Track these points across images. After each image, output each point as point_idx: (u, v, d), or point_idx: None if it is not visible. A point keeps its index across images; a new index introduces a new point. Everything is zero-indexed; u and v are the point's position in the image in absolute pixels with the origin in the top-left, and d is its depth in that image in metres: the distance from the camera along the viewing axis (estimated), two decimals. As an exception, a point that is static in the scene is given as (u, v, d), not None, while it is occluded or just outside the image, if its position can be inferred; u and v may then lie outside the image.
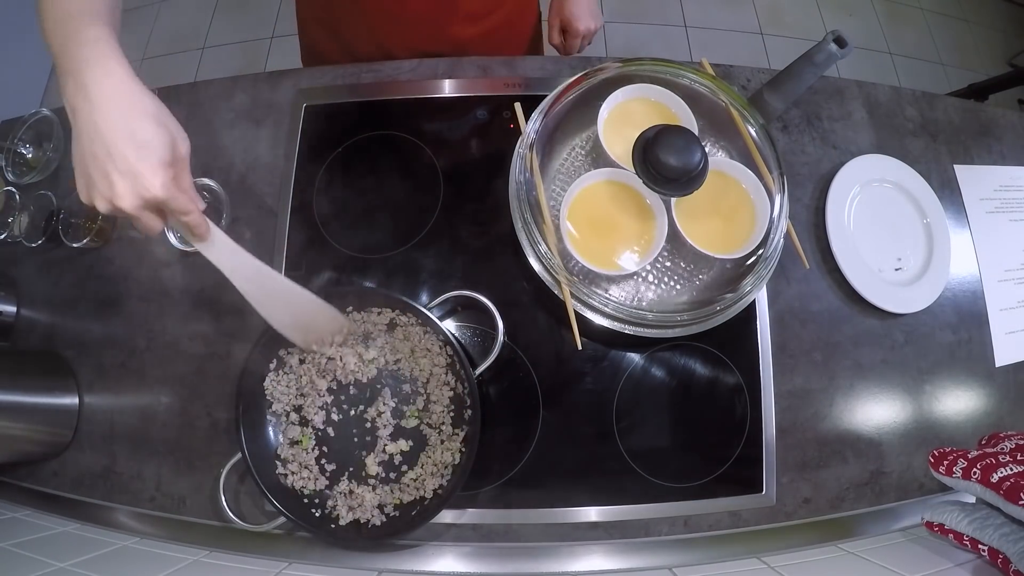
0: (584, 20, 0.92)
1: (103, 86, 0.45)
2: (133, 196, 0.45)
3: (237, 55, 2.01)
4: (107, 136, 0.44)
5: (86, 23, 0.47)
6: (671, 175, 0.57)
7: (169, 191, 0.46)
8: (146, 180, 0.45)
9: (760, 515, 0.65)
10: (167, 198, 0.46)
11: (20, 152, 0.80)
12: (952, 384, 0.73)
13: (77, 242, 0.72)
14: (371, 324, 0.65)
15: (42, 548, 0.57)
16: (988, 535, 0.47)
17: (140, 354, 0.71)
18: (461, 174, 0.74)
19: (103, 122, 0.45)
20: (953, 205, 0.79)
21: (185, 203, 0.48)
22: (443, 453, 0.61)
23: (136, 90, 0.47)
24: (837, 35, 0.61)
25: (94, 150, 0.45)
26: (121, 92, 0.46)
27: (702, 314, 0.60)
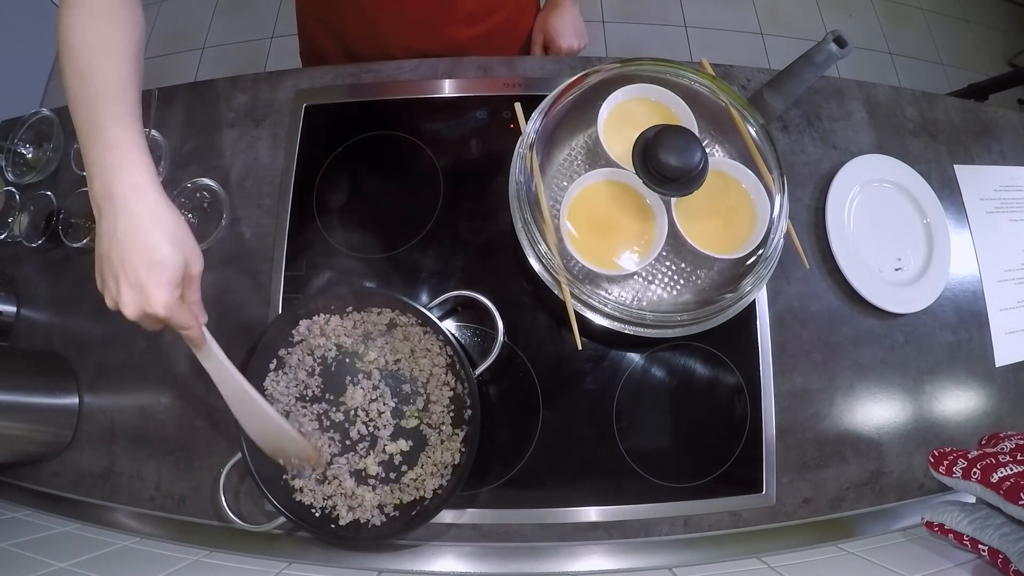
0: (567, 38, 0.91)
1: (129, 200, 0.47)
2: (136, 308, 0.48)
3: (237, 55, 2.01)
4: (124, 247, 0.47)
5: (112, 115, 0.49)
6: (671, 175, 0.57)
7: (170, 311, 0.48)
8: (151, 297, 0.47)
9: (760, 515, 0.65)
10: (167, 316, 0.48)
11: (20, 152, 0.80)
12: (952, 384, 0.73)
13: (77, 242, 0.72)
14: (371, 324, 0.65)
15: (42, 548, 0.57)
16: (988, 535, 0.47)
17: (140, 354, 0.71)
18: (461, 174, 0.74)
19: (123, 233, 0.47)
20: (953, 205, 0.79)
21: (185, 320, 0.50)
22: (443, 453, 0.61)
23: (159, 209, 0.49)
24: (837, 35, 0.61)
25: (111, 255, 0.47)
26: (145, 210, 0.48)
27: (702, 314, 0.60)
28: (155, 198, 0.49)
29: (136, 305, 0.47)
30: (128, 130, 0.49)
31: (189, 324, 0.51)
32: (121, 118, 0.49)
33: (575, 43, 0.92)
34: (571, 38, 0.91)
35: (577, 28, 0.92)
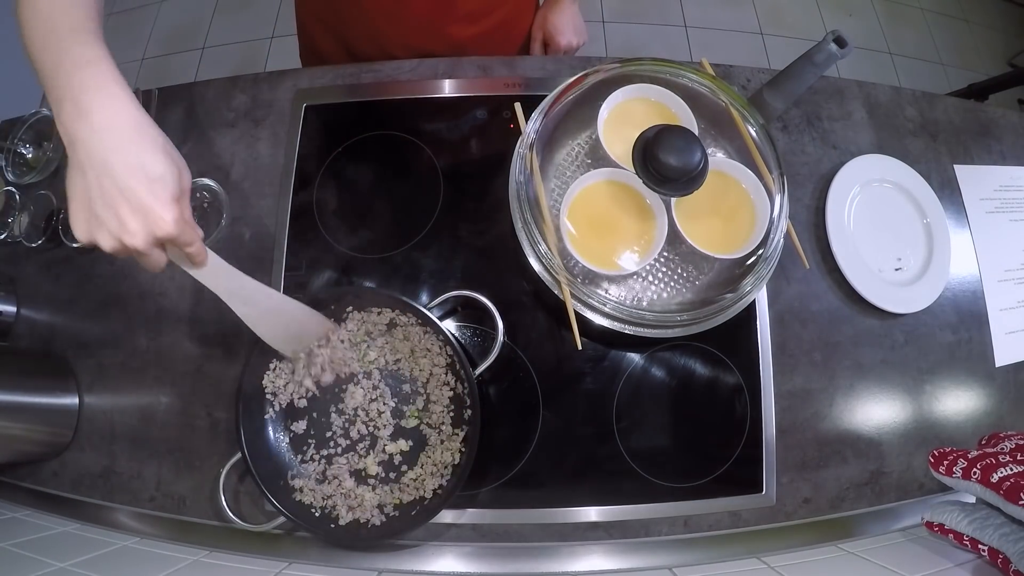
0: (566, 35, 0.91)
1: (108, 114, 0.43)
2: (144, 234, 0.43)
3: (237, 55, 2.01)
4: (117, 170, 0.42)
5: (79, 40, 0.45)
6: (671, 175, 0.57)
7: (180, 227, 0.45)
8: (159, 217, 0.43)
9: (760, 515, 0.65)
10: (179, 233, 0.45)
11: (20, 152, 0.80)
12: (952, 384, 0.73)
13: (77, 242, 0.72)
14: (371, 324, 0.65)
15: (42, 548, 0.57)
16: (988, 535, 0.47)
17: (140, 354, 0.71)
18: (461, 174, 0.74)
19: (112, 155, 0.42)
20: (953, 205, 0.79)
21: (191, 235, 0.47)
22: (443, 453, 0.61)
23: (143, 120, 0.44)
24: (837, 35, 0.61)
25: (102, 183, 0.42)
26: (129, 122, 0.43)
27: (702, 314, 0.60)
28: (136, 109, 0.44)
29: (144, 231, 0.43)
30: (93, 48, 0.45)
31: (193, 239, 0.47)
32: (88, 41, 0.45)
33: (574, 40, 0.92)
34: (570, 35, 0.91)
35: (576, 25, 0.92)
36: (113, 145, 0.42)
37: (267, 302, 0.58)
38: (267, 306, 0.58)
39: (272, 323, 0.58)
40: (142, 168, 0.43)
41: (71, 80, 0.43)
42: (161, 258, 0.47)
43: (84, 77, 0.43)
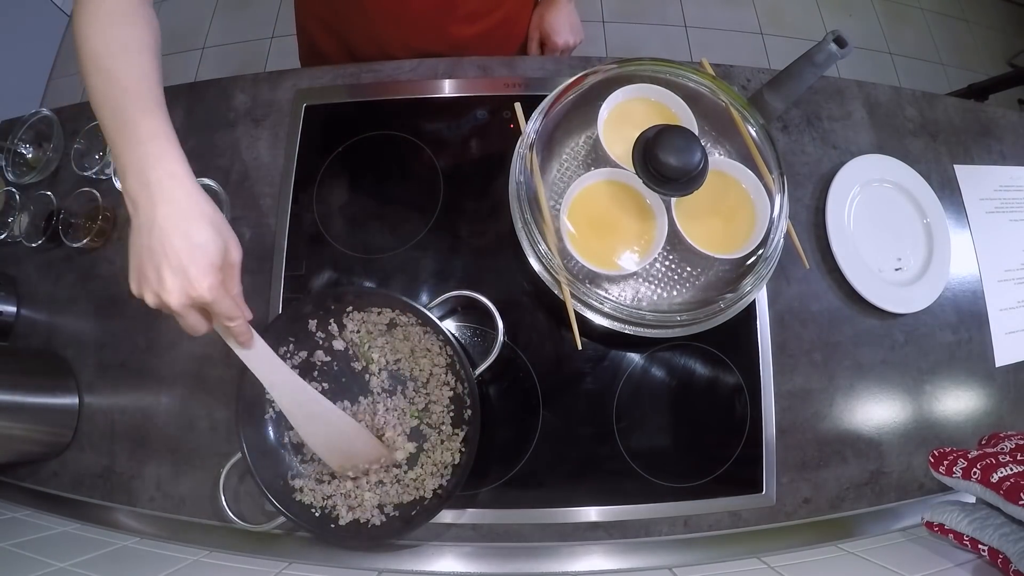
0: (563, 34, 0.91)
1: (165, 187, 0.47)
2: (180, 293, 0.46)
3: (237, 55, 2.01)
4: (164, 233, 0.46)
5: (140, 109, 0.49)
6: (671, 175, 0.57)
7: (215, 294, 0.47)
8: (194, 280, 0.46)
9: (760, 515, 0.65)
10: (212, 300, 0.47)
11: (20, 152, 0.80)
12: (952, 384, 0.73)
13: (77, 242, 0.72)
14: (371, 324, 0.65)
15: (42, 548, 0.57)
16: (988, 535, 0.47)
17: (140, 354, 0.71)
18: (461, 174, 0.74)
19: (163, 220, 0.46)
20: (953, 205, 0.79)
21: (230, 308, 0.49)
22: (443, 453, 0.61)
23: (196, 194, 0.49)
24: (837, 35, 0.61)
25: (151, 244, 0.46)
26: (183, 195, 0.48)
27: (702, 314, 0.60)
28: (191, 185, 0.49)
29: (181, 291, 0.46)
30: (159, 122, 0.49)
31: (234, 314, 0.50)
32: (150, 111, 0.49)
33: (571, 39, 0.92)
34: (567, 34, 0.91)
35: (572, 24, 0.92)
36: (167, 213, 0.47)
37: (314, 406, 0.57)
38: (314, 410, 0.57)
39: (319, 429, 0.58)
40: (188, 236, 0.47)
41: (136, 151, 0.48)
42: (199, 323, 0.49)
43: (147, 151, 0.48)
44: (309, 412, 0.58)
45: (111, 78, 0.50)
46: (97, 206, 0.73)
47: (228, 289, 0.50)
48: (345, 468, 0.60)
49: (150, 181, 0.47)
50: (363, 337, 0.65)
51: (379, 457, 0.61)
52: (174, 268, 0.46)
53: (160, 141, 0.49)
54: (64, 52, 2.08)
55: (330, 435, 0.59)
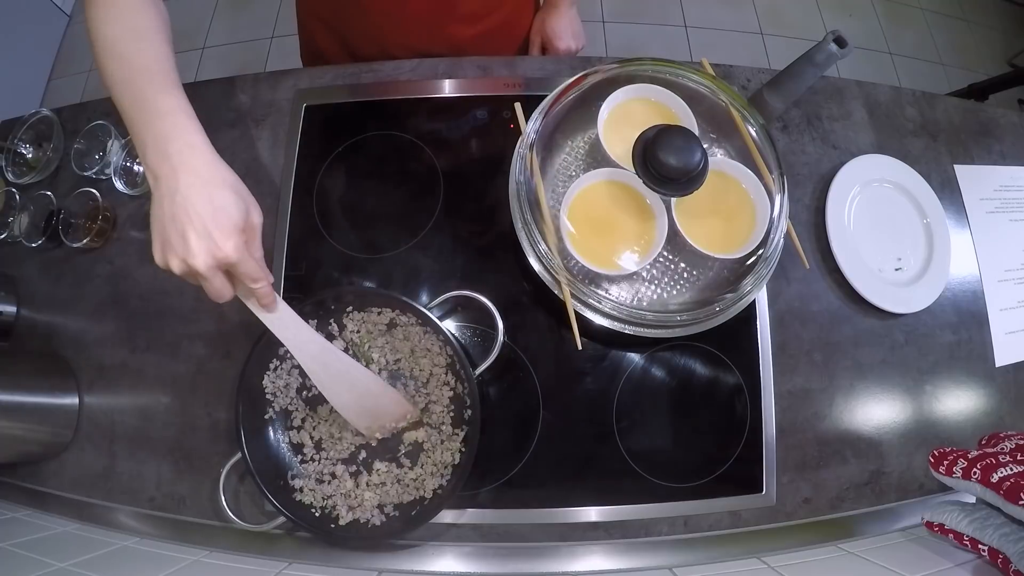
0: (565, 39, 0.91)
1: (185, 157, 0.48)
2: (206, 255, 0.47)
3: (237, 55, 2.01)
4: (187, 200, 0.47)
5: (158, 89, 0.50)
6: (671, 175, 0.57)
7: (240, 254, 0.48)
8: (220, 240, 0.47)
9: (760, 515, 0.65)
10: (238, 260, 0.48)
11: (20, 152, 0.80)
12: (952, 384, 0.73)
13: (77, 242, 0.72)
14: (371, 324, 0.65)
15: (42, 548, 0.57)
16: (988, 535, 0.47)
17: (140, 354, 0.71)
18: (461, 174, 0.74)
19: (185, 188, 0.47)
20: (953, 205, 0.79)
21: (255, 269, 0.50)
22: (443, 453, 0.61)
23: (216, 162, 0.50)
24: (837, 35, 0.61)
25: (174, 211, 0.47)
26: (203, 163, 0.49)
27: (702, 314, 0.60)
28: (211, 154, 0.50)
29: (207, 253, 0.47)
30: (175, 98, 0.51)
31: (258, 275, 0.51)
32: (167, 89, 0.51)
33: (572, 44, 0.92)
34: (568, 40, 0.91)
35: (575, 30, 0.92)
36: (188, 182, 0.48)
37: (339, 365, 0.58)
38: (338, 369, 0.58)
39: (344, 390, 0.58)
40: (210, 200, 0.48)
41: (153, 127, 0.49)
42: (225, 287, 0.50)
43: (166, 126, 0.49)
44: (335, 372, 0.58)
45: (127, 62, 0.51)
46: (97, 206, 0.73)
47: (251, 252, 0.51)
48: (372, 429, 0.60)
49: (170, 153, 0.48)
50: (363, 337, 0.65)
51: (405, 414, 0.61)
52: (199, 232, 0.47)
53: (178, 115, 0.50)
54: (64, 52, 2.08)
55: (355, 395, 0.59)
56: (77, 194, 0.74)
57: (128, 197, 0.75)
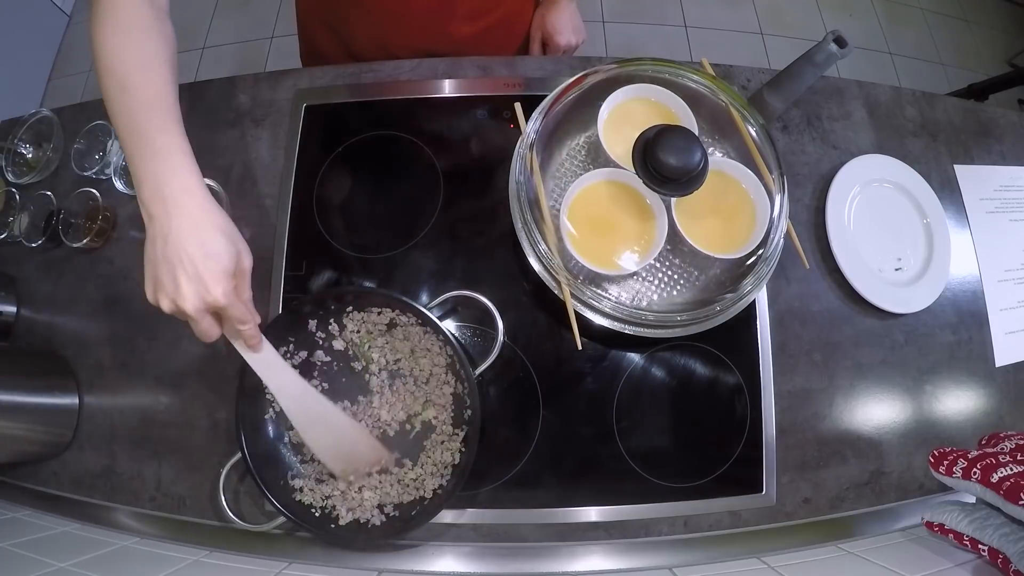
0: (565, 35, 0.91)
1: (180, 199, 0.49)
2: (196, 299, 0.48)
3: (237, 55, 2.01)
4: (180, 243, 0.48)
5: (159, 126, 0.51)
6: (671, 175, 0.57)
7: (229, 299, 0.49)
8: (209, 285, 0.48)
9: (760, 515, 0.65)
10: (226, 305, 0.49)
11: (20, 152, 0.80)
12: (952, 384, 0.73)
13: (77, 242, 0.72)
14: (371, 324, 0.65)
15: (42, 548, 0.57)
16: (988, 535, 0.47)
17: (140, 354, 0.71)
18: (461, 174, 0.74)
19: (178, 230, 0.48)
20: (953, 205, 0.79)
21: (243, 312, 0.51)
22: (443, 453, 0.61)
23: (209, 207, 0.51)
24: (837, 35, 0.61)
25: (167, 253, 0.48)
26: (197, 207, 0.50)
27: (702, 314, 0.60)
28: (205, 198, 0.51)
29: (196, 296, 0.48)
30: (175, 137, 0.51)
31: (246, 318, 0.52)
32: (167, 127, 0.51)
33: (573, 39, 0.92)
34: (569, 35, 0.91)
35: (575, 25, 0.92)
36: (181, 225, 0.48)
37: (318, 408, 0.59)
38: (318, 412, 0.59)
39: (322, 433, 0.59)
40: (202, 245, 0.49)
41: (152, 164, 0.50)
42: (212, 328, 0.51)
43: (164, 166, 0.50)
44: (313, 415, 0.58)
45: (130, 92, 0.51)
46: (97, 206, 0.73)
47: (239, 294, 0.52)
48: (347, 472, 0.61)
49: (166, 195, 0.49)
50: (363, 337, 0.65)
51: (380, 459, 0.61)
52: (189, 275, 0.48)
53: (176, 155, 0.50)
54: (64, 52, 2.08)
55: (332, 438, 0.59)
56: (77, 194, 0.74)
57: (128, 197, 0.75)
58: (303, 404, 0.58)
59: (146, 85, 0.52)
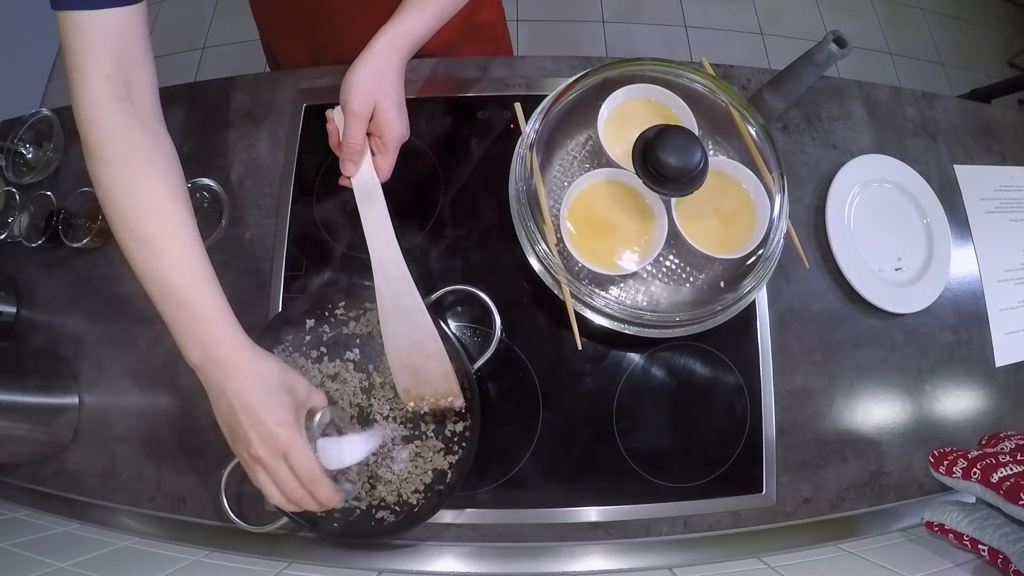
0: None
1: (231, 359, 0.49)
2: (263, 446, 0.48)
3: (237, 55, 2.01)
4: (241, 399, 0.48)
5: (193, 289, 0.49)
6: (671, 175, 0.57)
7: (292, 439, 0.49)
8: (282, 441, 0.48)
9: (760, 515, 0.65)
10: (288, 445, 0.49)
11: (20, 152, 0.80)
12: (952, 384, 0.73)
13: (77, 242, 0.72)
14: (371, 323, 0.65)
15: (42, 548, 0.57)
16: (988, 535, 0.47)
17: (140, 354, 0.71)
18: (461, 174, 0.74)
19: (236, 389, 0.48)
20: (953, 205, 0.79)
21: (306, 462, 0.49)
22: (443, 453, 0.61)
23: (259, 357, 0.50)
24: (837, 35, 0.61)
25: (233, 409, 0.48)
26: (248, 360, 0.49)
27: (702, 314, 0.60)
28: (253, 350, 0.50)
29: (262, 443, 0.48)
30: (214, 299, 0.50)
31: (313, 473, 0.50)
32: (202, 288, 0.50)
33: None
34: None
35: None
36: (237, 383, 0.48)
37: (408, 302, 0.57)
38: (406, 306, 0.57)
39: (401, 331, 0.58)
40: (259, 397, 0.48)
41: (195, 331, 0.49)
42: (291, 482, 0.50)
43: (209, 332, 0.49)
44: (401, 307, 0.57)
45: (152, 249, 0.49)
46: (97, 206, 0.73)
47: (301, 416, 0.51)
48: (409, 393, 0.59)
49: (216, 359, 0.49)
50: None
51: (447, 393, 0.59)
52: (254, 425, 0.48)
53: (219, 319, 0.50)
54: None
55: (411, 343, 0.58)
56: (77, 194, 0.74)
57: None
58: (396, 291, 0.56)
59: (167, 236, 0.50)
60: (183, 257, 0.50)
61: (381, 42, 0.56)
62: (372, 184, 0.58)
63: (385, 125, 0.57)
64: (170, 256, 0.49)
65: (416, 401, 0.60)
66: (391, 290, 0.57)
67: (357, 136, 0.56)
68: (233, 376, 0.49)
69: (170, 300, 0.49)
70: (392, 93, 0.57)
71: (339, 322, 0.65)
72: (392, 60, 0.56)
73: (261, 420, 0.48)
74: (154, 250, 0.49)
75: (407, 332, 0.58)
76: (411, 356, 0.58)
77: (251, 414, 0.48)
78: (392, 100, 0.57)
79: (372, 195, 0.58)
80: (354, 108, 0.54)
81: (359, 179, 0.58)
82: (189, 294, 0.49)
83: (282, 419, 0.48)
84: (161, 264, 0.49)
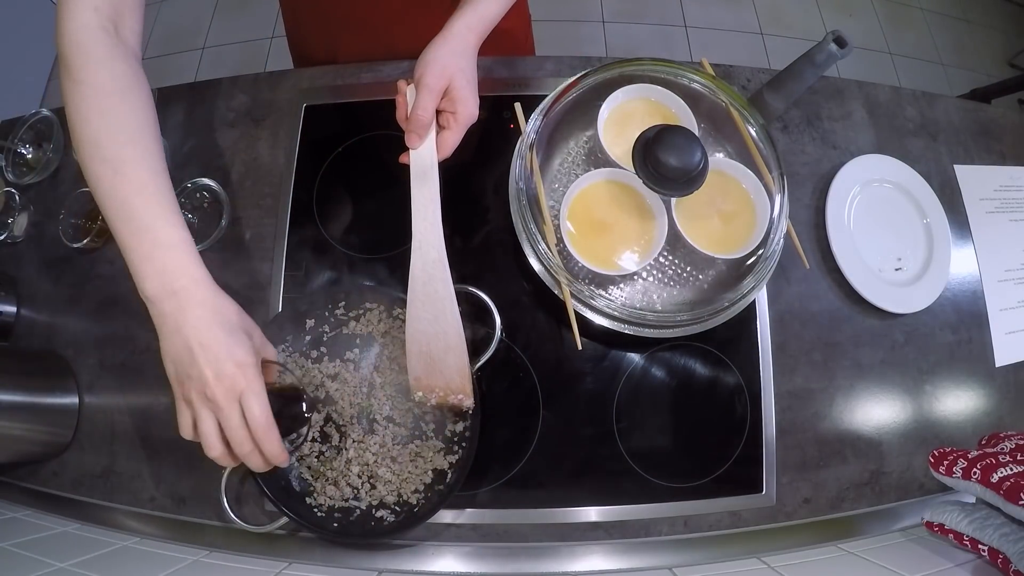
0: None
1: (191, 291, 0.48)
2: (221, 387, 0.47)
3: (237, 55, 2.01)
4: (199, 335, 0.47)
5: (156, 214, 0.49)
6: (671, 175, 0.57)
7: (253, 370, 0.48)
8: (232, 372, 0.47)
9: (760, 515, 0.65)
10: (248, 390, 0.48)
11: (20, 152, 0.80)
12: (952, 384, 0.73)
13: (77, 242, 0.72)
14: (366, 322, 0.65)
15: (42, 548, 0.57)
16: (988, 535, 0.47)
17: (140, 354, 0.71)
18: (461, 174, 0.74)
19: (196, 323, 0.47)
20: (953, 205, 0.79)
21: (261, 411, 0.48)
22: (442, 452, 0.61)
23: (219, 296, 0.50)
24: (837, 35, 0.61)
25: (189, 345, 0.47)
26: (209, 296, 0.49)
27: (702, 314, 0.60)
28: (213, 286, 0.50)
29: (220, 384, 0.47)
30: (177, 228, 0.49)
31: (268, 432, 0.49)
32: (165, 214, 0.49)
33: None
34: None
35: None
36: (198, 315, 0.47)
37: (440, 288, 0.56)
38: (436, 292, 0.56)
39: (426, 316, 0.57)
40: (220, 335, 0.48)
41: (155, 259, 0.48)
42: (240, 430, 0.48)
43: (169, 260, 0.48)
44: (431, 292, 0.56)
45: (118, 171, 0.48)
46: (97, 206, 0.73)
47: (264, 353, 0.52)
48: (420, 382, 0.58)
49: (176, 289, 0.48)
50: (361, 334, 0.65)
51: (459, 390, 0.58)
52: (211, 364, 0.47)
53: (182, 248, 0.49)
54: (64, 52, 2.07)
55: (433, 332, 0.57)
56: (77, 194, 0.74)
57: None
58: (430, 275, 0.56)
59: (136, 164, 0.49)
60: (152, 184, 0.49)
61: (460, 24, 0.59)
62: (430, 162, 0.59)
63: (459, 102, 0.59)
64: (140, 181, 0.49)
65: (426, 392, 0.59)
66: (426, 272, 0.57)
67: (428, 108, 0.57)
68: (192, 311, 0.47)
69: (132, 225, 0.48)
70: (468, 72, 0.59)
71: (339, 322, 0.65)
72: (469, 41, 0.59)
73: (220, 359, 0.46)
74: (122, 174, 0.48)
75: (432, 319, 0.57)
76: (430, 345, 0.57)
77: (209, 352, 0.46)
78: (467, 78, 0.59)
79: (427, 174, 0.58)
80: (428, 82, 0.56)
81: (418, 155, 0.59)
82: (154, 219, 0.48)
83: (243, 360, 0.47)
84: (129, 188, 0.48)
